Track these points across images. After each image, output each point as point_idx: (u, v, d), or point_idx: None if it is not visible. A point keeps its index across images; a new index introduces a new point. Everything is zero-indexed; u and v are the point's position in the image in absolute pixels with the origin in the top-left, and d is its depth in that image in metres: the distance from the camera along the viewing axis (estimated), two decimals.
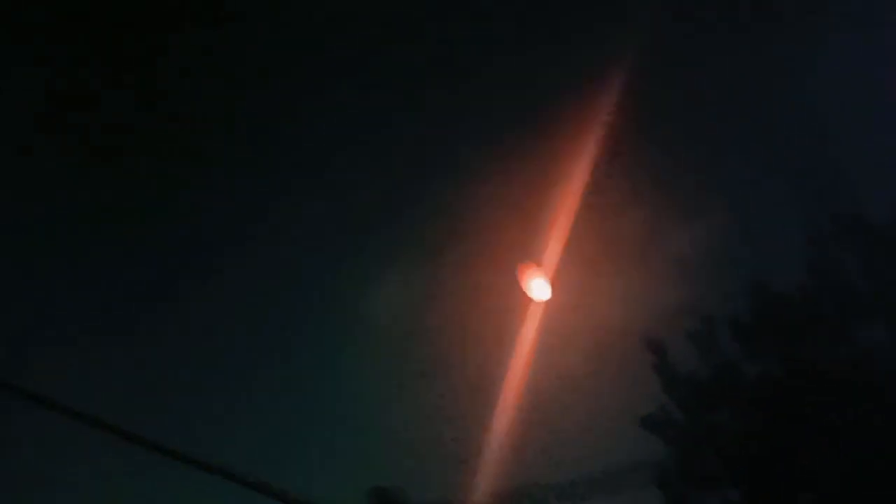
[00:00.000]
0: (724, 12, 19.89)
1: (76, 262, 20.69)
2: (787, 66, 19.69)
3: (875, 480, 15.14)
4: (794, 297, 17.40)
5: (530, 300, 18.05)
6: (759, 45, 19.71)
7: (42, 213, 20.02)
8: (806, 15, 19.31)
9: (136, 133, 20.74)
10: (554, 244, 18.40)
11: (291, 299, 21.12)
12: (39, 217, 20.03)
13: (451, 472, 18.53)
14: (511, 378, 18.48)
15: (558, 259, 18.15)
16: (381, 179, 20.93)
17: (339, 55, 21.20)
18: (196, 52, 21.23)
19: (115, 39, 20.13)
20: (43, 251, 19.96)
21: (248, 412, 20.28)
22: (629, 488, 16.42)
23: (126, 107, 20.58)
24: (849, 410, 15.85)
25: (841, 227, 17.59)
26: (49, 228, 20.07)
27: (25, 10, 19.33)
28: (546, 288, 17.83)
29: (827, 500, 15.98)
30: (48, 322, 19.69)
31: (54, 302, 20.12)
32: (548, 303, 18.06)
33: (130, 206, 21.10)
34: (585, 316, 18.42)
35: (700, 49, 20.17)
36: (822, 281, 17.37)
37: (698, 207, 19.47)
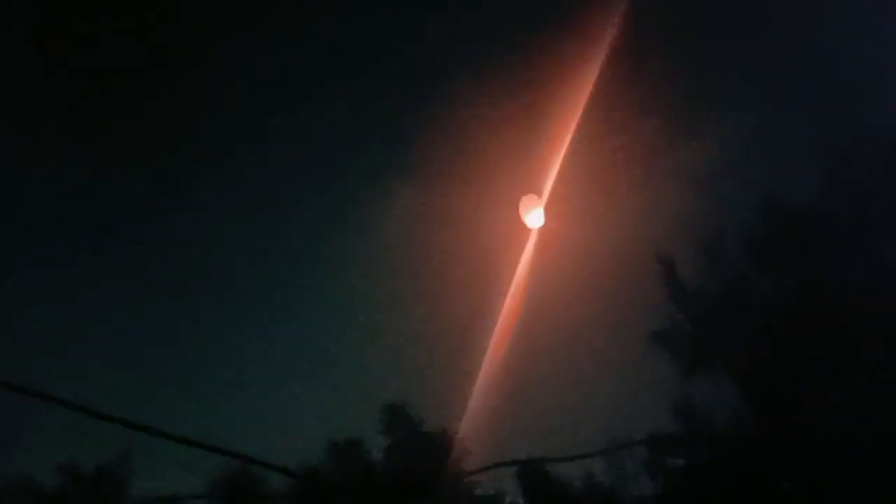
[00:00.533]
0: None
1: None
2: None
3: (879, 404, 15.13)
4: (807, 212, 17.05)
5: (527, 227, 18.31)
6: None
7: None
8: None
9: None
10: (553, 169, 18.52)
11: (288, 224, 21.23)
12: None
13: (448, 393, 18.59)
14: (507, 301, 18.54)
15: (558, 182, 18.40)
16: (379, 106, 20.99)
17: None
18: None
19: None
20: None
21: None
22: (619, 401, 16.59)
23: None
24: (858, 331, 15.74)
25: (857, 142, 17.18)
26: None
27: None
28: (541, 215, 18.11)
29: (832, 416, 15.98)
30: None
31: None
32: (542, 229, 18.32)
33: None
34: (580, 242, 18.56)
35: None
36: (836, 196, 17.02)
37: (708, 122, 19.02)
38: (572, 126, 18.74)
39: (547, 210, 18.35)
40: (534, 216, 18.08)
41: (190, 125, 20.73)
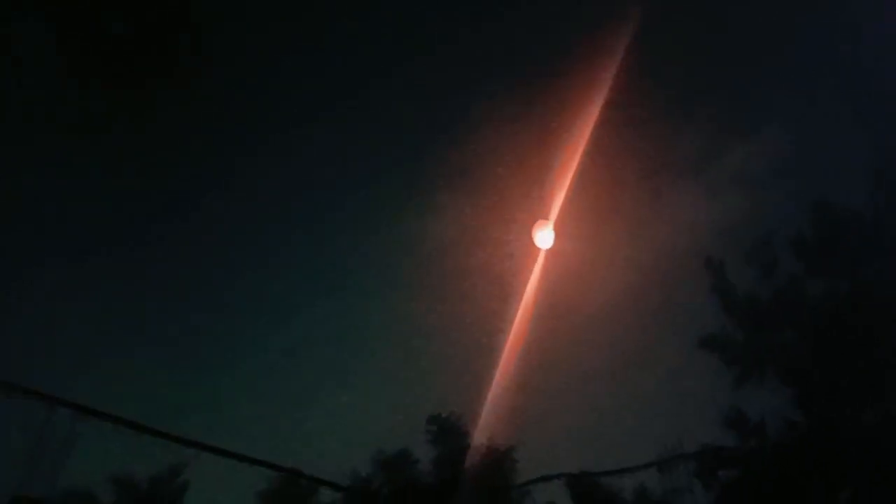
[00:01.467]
0: None
1: None
2: None
3: None
4: (857, 215, 16.71)
5: (536, 248, 18.53)
6: None
7: None
8: None
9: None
10: (562, 193, 18.92)
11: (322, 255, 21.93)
12: None
13: (495, 405, 18.67)
14: (517, 318, 18.83)
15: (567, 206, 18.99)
16: (400, 134, 21.73)
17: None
18: None
19: None
20: None
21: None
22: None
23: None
24: None
25: None
26: None
27: None
28: (551, 236, 18.34)
29: (890, 423, 15.56)
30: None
31: None
32: (552, 250, 18.55)
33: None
34: (589, 261, 18.99)
35: None
36: (886, 198, 16.67)
37: (754, 124, 18.83)
38: (580, 151, 19.10)
39: (556, 231, 18.72)
40: (544, 237, 18.49)
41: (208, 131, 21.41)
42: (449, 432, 17.49)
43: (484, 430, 17.54)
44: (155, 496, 15.80)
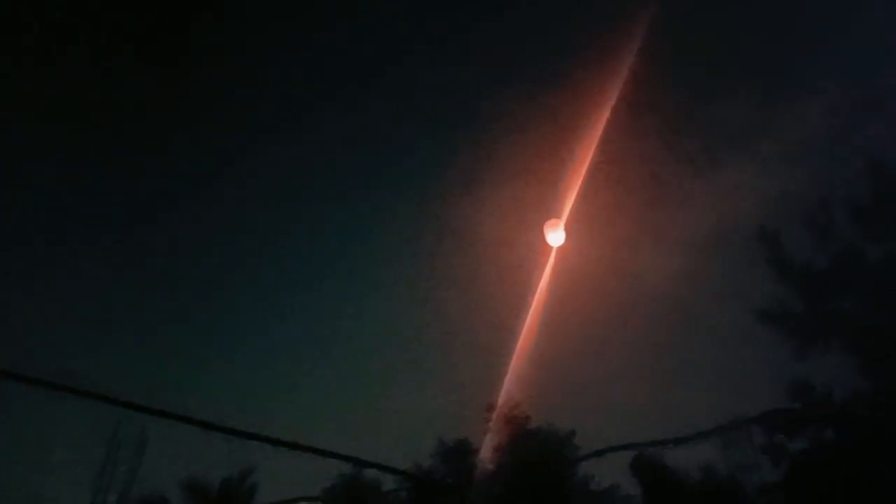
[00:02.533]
0: None
1: None
2: None
3: None
4: None
5: (548, 246, 19.11)
6: None
7: None
8: None
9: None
10: (573, 192, 19.24)
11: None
12: None
13: (550, 389, 18.87)
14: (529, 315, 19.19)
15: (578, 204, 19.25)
16: (419, 135, 22.34)
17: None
18: None
19: None
20: None
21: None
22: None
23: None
24: None
25: None
26: None
27: None
28: (562, 234, 18.86)
29: None
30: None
31: None
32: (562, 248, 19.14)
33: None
34: (596, 260, 19.33)
35: None
36: None
37: (805, 91, 18.39)
38: (592, 150, 19.26)
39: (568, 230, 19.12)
40: (555, 236, 18.95)
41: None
42: (506, 420, 17.52)
43: (540, 412, 17.59)
44: (227, 498, 16.09)
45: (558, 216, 19.38)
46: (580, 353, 19.52)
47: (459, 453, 17.21)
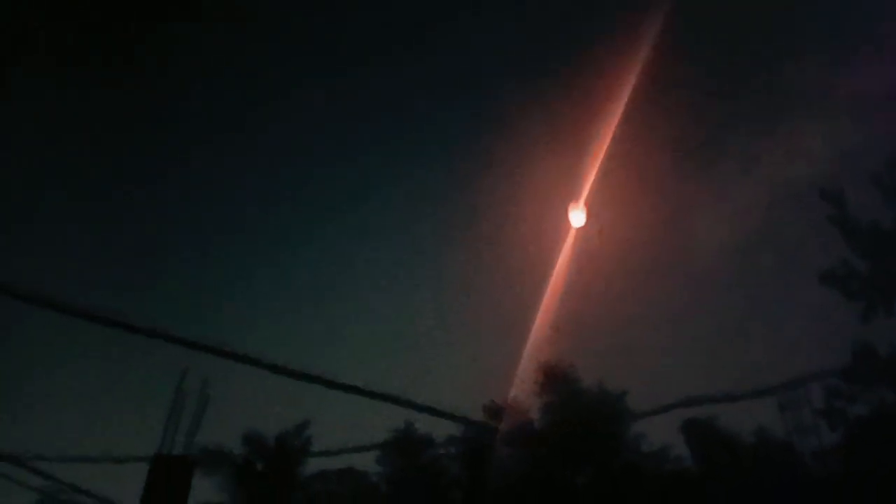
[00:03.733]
0: None
1: None
2: None
3: None
4: None
5: (569, 225, 19.44)
6: None
7: None
8: None
9: None
10: (593, 173, 19.32)
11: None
12: None
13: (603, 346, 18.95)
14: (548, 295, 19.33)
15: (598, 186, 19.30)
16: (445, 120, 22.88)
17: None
18: None
19: None
20: None
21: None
22: None
23: None
24: None
25: None
26: None
27: None
28: (582, 215, 19.22)
29: None
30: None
31: None
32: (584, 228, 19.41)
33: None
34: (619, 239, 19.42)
35: None
36: None
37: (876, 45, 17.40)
38: (612, 131, 19.06)
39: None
40: (576, 216, 19.40)
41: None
42: (557, 380, 17.55)
43: (592, 374, 17.58)
44: (283, 449, 16.74)
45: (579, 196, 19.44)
46: (635, 317, 19.41)
47: (510, 410, 17.41)
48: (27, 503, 16.54)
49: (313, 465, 17.45)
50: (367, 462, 17.38)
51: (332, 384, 9.03)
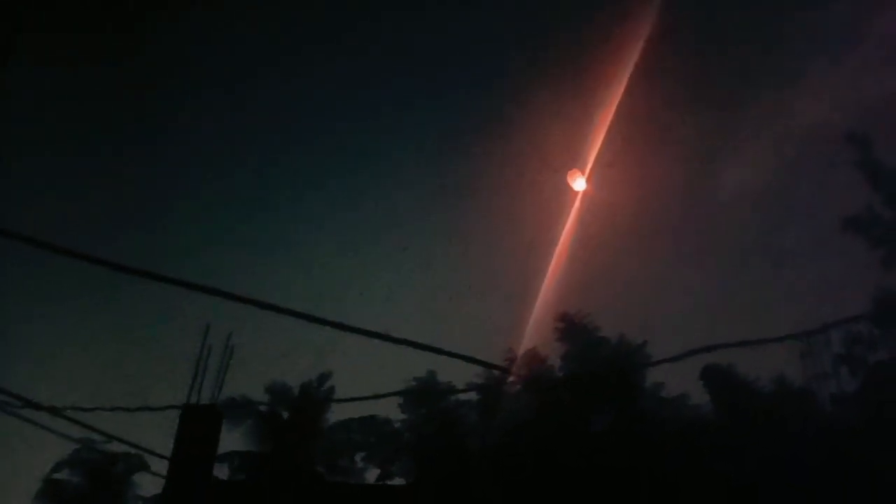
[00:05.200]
0: None
1: None
2: None
3: None
4: None
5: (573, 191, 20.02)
6: None
7: None
8: None
9: None
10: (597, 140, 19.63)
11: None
12: None
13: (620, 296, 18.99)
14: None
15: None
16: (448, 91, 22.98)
17: None
18: None
19: None
20: None
21: None
22: None
23: None
24: None
25: None
26: None
27: None
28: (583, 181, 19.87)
29: None
30: None
31: None
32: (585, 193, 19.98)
33: None
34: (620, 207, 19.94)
35: None
36: None
37: None
38: (616, 98, 19.19)
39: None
40: (578, 182, 20.08)
41: None
42: (576, 329, 17.65)
43: (611, 323, 17.67)
44: (306, 399, 17.06)
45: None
46: (655, 263, 19.47)
47: (530, 359, 17.57)
48: (66, 452, 17.24)
49: (336, 413, 17.85)
50: (389, 410, 17.74)
51: (354, 329, 9.08)
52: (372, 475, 17.76)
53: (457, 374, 17.59)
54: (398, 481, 17.66)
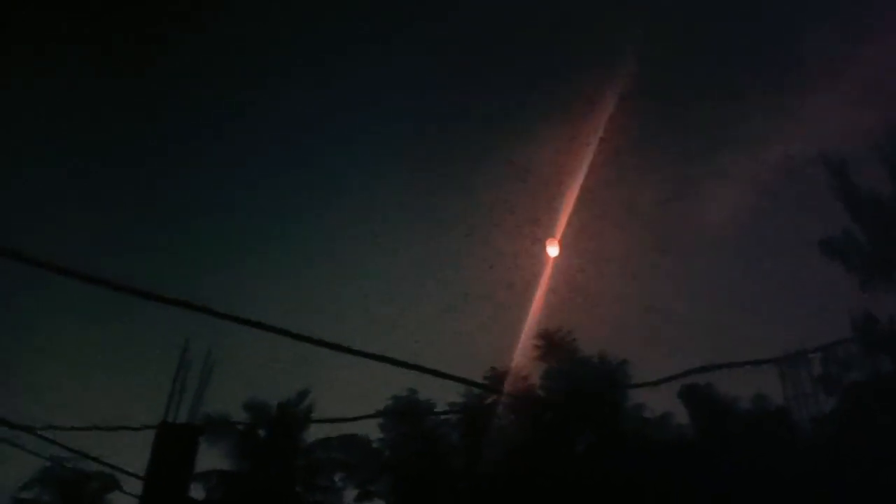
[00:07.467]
0: None
1: None
2: None
3: None
4: None
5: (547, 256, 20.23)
6: None
7: None
8: None
9: None
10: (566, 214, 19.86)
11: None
12: None
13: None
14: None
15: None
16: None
17: None
18: None
19: None
20: None
21: None
22: None
23: None
24: None
25: None
26: None
27: None
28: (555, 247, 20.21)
29: None
30: None
31: None
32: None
33: None
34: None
35: None
36: None
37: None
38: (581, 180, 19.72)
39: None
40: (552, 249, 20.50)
41: None
42: (557, 348, 17.66)
43: (593, 343, 17.70)
44: (284, 417, 16.86)
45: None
46: (635, 285, 19.60)
47: (511, 378, 17.53)
48: (36, 470, 16.85)
49: (315, 432, 17.67)
50: (369, 429, 17.59)
51: (335, 346, 8.99)
52: (351, 495, 17.64)
53: (437, 392, 17.46)
54: (378, 501, 17.53)
